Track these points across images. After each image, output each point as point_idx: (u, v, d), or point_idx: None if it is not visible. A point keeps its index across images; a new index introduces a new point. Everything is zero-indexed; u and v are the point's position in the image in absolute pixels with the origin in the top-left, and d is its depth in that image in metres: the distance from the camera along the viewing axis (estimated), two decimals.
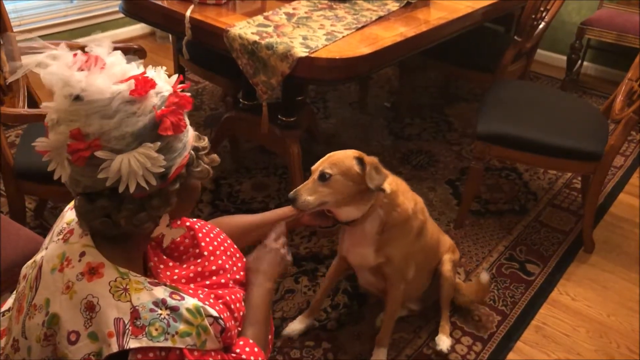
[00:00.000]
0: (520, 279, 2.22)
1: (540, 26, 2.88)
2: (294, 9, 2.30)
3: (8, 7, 2.11)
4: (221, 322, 1.02)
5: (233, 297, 1.14)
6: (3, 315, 1.18)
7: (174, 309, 0.96)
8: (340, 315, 2.02)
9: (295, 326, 1.93)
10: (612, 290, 2.21)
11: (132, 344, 0.91)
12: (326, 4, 2.36)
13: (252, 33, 2.04)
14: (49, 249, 1.03)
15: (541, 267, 2.29)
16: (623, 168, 2.97)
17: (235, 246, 1.33)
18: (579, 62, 3.80)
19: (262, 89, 2.10)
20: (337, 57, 1.95)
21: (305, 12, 2.27)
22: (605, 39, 3.54)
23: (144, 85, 0.91)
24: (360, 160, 1.53)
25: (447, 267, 1.90)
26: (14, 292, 1.17)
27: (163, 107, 0.92)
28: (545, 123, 2.30)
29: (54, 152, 0.92)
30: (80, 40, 3.67)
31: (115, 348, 0.90)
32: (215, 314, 1.02)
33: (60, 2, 3.78)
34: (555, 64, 4.04)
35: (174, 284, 1.07)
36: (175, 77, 0.98)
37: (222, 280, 1.21)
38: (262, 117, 2.20)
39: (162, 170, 0.92)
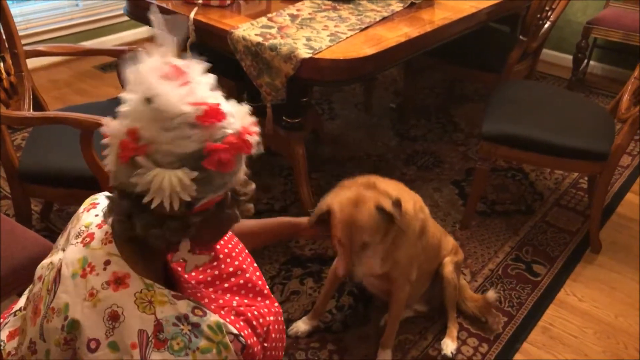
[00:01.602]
0: (526, 279, 2.21)
1: (546, 26, 2.86)
2: (297, 10, 2.30)
3: (14, 10, 2.12)
4: (242, 339, 1.03)
5: (256, 312, 1.14)
6: (14, 315, 1.19)
7: (195, 325, 0.97)
8: (346, 316, 2.01)
9: (300, 327, 1.92)
10: (620, 290, 2.19)
11: (154, 356, 0.92)
12: (330, 5, 2.36)
13: (256, 34, 2.04)
14: (68, 252, 1.03)
15: (548, 267, 2.27)
16: (630, 167, 2.95)
17: (246, 250, 1.33)
18: (585, 61, 3.78)
19: (266, 91, 2.10)
20: (341, 58, 1.95)
21: (309, 14, 2.27)
22: (612, 38, 3.52)
23: (212, 115, 0.91)
24: (383, 210, 1.50)
25: (448, 269, 1.89)
26: (25, 292, 1.17)
27: (219, 142, 0.91)
28: (552, 123, 2.29)
29: (112, 139, 0.93)
30: (87, 44, 3.69)
31: (137, 359, 0.92)
32: (235, 331, 1.03)
33: (66, 5, 3.80)
34: (561, 63, 4.02)
35: (197, 299, 1.08)
36: (249, 120, 0.98)
37: (241, 281, 1.22)
38: (267, 119, 2.20)
39: (190, 199, 0.91)
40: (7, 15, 2.07)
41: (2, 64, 2.10)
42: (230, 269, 1.21)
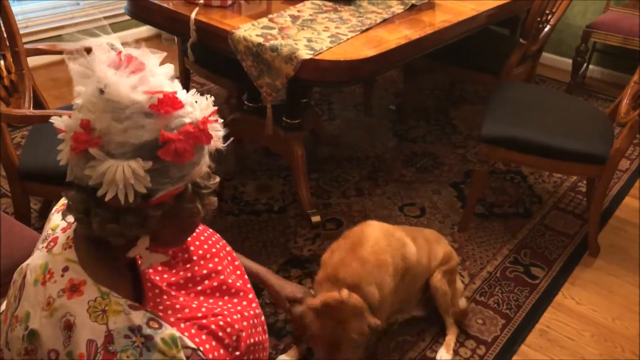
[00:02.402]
0: (524, 282, 2.21)
1: (546, 29, 2.87)
2: (298, 11, 2.30)
3: (15, 9, 2.12)
4: (200, 354, 0.98)
5: (222, 323, 1.08)
6: None
7: (148, 338, 0.92)
8: None
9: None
10: (618, 294, 2.20)
11: None
12: (331, 7, 2.37)
13: (257, 35, 2.04)
14: (34, 257, 1.01)
15: (546, 270, 2.28)
16: (629, 171, 2.95)
17: (229, 248, 1.29)
18: (585, 65, 3.79)
19: (266, 91, 2.10)
20: (341, 60, 1.95)
21: (310, 15, 2.27)
22: (611, 42, 3.52)
23: (168, 103, 0.88)
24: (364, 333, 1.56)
25: (436, 278, 1.88)
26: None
27: (175, 132, 0.88)
28: (551, 126, 2.30)
29: (67, 133, 0.91)
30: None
31: None
32: (192, 345, 0.98)
33: (67, 4, 3.80)
34: (561, 67, 4.02)
35: (159, 309, 1.04)
36: (210, 110, 0.95)
37: (215, 284, 1.17)
38: (267, 119, 2.20)
39: (145, 191, 0.88)
40: (8, 13, 2.07)
41: (2, 62, 2.10)
42: (204, 271, 1.17)
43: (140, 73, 0.89)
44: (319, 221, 2.40)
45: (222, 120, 0.97)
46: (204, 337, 1.04)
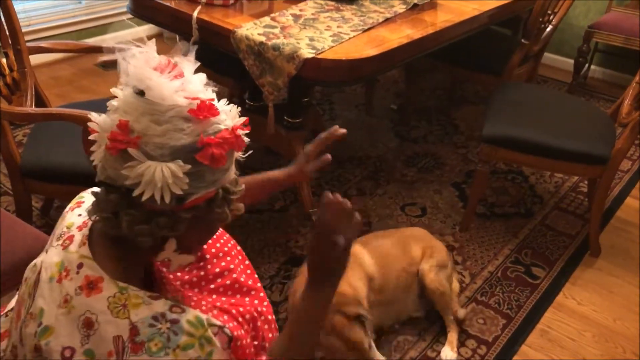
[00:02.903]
0: (525, 282, 2.21)
1: (548, 29, 2.87)
2: (300, 10, 2.30)
3: (17, 7, 2.12)
4: (227, 330, 0.99)
5: (241, 309, 1.11)
6: (6, 316, 1.17)
7: (174, 322, 0.93)
8: None
9: None
10: (619, 294, 2.20)
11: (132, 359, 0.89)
12: (333, 6, 2.37)
13: (259, 34, 2.04)
14: (49, 254, 1.01)
15: (547, 270, 2.28)
16: (630, 172, 2.95)
17: (239, 247, 1.30)
18: (587, 65, 3.79)
19: (268, 90, 2.10)
20: (343, 59, 1.95)
21: (312, 14, 2.27)
22: (613, 43, 3.52)
23: (206, 109, 0.90)
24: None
25: (429, 278, 1.89)
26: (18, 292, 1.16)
27: (212, 137, 0.91)
28: (552, 126, 2.29)
29: (101, 133, 0.92)
30: (89, 41, 3.70)
31: None
32: (219, 323, 0.99)
33: (69, 2, 3.80)
34: (563, 67, 4.02)
35: (175, 296, 1.05)
36: (241, 119, 0.98)
37: (228, 282, 1.18)
38: (268, 118, 2.20)
39: (181, 193, 0.90)
40: (11, 11, 2.07)
41: (5, 60, 2.11)
42: (217, 270, 1.18)
43: (182, 79, 0.92)
44: None
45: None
46: (226, 317, 1.06)
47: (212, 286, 1.16)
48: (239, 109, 0.99)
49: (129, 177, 0.88)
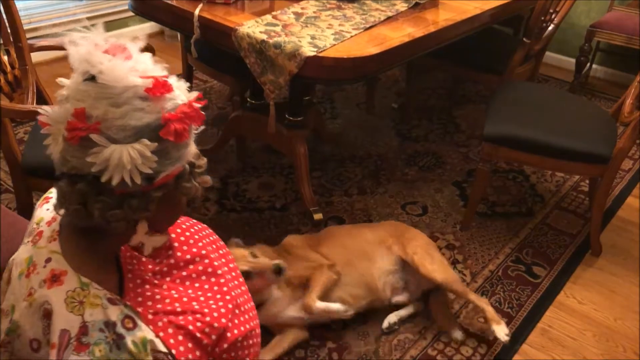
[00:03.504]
0: (526, 281, 2.21)
1: (549, 28, 2.86)
2: (302, 8, 2.30)
3: (18, 5, 2.12)
4: (171, 358, 0.98)
5: (199, 323, 1.06)
6: None
7: (120, 337, 0.93)
8: None
9: None
10: (619, 294, 2.20)
11: (73, 358, 0.89)
12: (335, 4, 2.37)
13: (261, 32, 2.04)
14: (19, 251, 1.02)
15: (548, 269, 2.28)
16: (631, 171, 2.95)
17: (215, 236, 1.28)
18: (588, 64, 3.78)
19: (269, 88, 2.10)
20: (344, 57, 1.95)
21: (314, 12, 2.27)
22: (615, 42, 3.52)
23: (161, 86, 0.91)
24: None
25: (426, 269, 1.93)
26: None
27: (173, 113, 0.92)
28: (554, 125, 2.29)
29: (54, 125, 0.91)
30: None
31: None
32: (164, 349, 0.97)
33: (70, 0, 3.80)
34: (564, 66, 4.02)
35: (138, 302, 1.03)
36: (195, 93, 0.98)
37: (200, 268, 1.16)
38: (270, 117, 2.20)
39: (151, 172, 0.89)
40: (12, 9, 2.07)
41: (6, 58, 2.11)
42: (188, 256, 1.16)
43: (132, 59, 0.92)
44: (321, 219, 2.40)
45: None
46: (180, 337, 1.03)
47: (184, 273, 1.14)
48: (187, 84, 1.00)
49: (95, 164, 0.87)
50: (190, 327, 1.05)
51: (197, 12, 2.16)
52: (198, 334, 1.05)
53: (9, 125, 1.90)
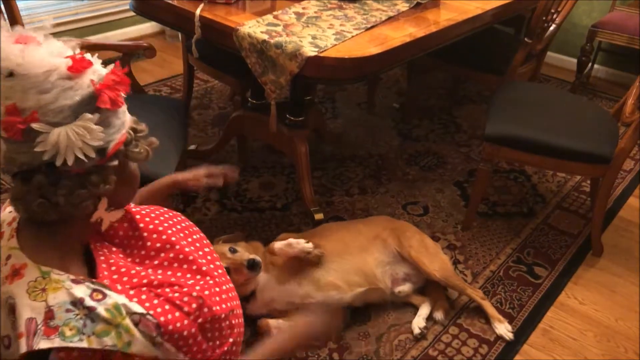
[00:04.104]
0: (527, 281, 2.21)
1: (551, 28, 2.86)
2: (303, 8, 2.30)
3: (20, 4, 2.13)
4: (150, 317, 0.95)
5: (177, 293, 1.03)
6: None
7: (91, 309, 0.91)
8: (346, 315, 2.01)
9: None
10: (621, 294, 2.20)
11: (43, 344, 0.88)
12: (336, 4, 2.36)
13: (262, 32, 2.04)
14: None
15: (549, 270, 2.27)
16: (633, 172, 2.94)
17: (188, 222, 1.25)
18: (590, 64, 3.78)
19: (270, 88, 2.10)
20: (346, 57, 1.95)
21: (315, 12, 2.27)
22: (617, 42, 3.51)
23: (81, 63, 0.92)
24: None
25: (425, 264, 1.98)
26: None
27: (102, 82, 0.94)
28: (555, 125, 2.29)
29: None
30: (92, 38, 3.69)
31: (24, 349, 0.87)
32: (140, 309, 0.95)
33: (71, 0, 3.80)
34: (566, 66, 4.01)
35: (110, 278, 1.01)
36: (111, 65, 0.99)
37: (171, 255, 1.12)
38: (271, 117, 2.20)
39: (101, 143, 0.91)
40: (14, 9, 2.08)
41: None
42: (158, 245, 1.14)
43: (43, 44, 0.92)
44: (322, 219, 2.40)
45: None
46: (155, 301, 1.00)
47: (155, 262, 1.12)
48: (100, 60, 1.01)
49: (46, 151, 0.88)
50: (170, 296, 1.03)
51: (198, 12, 2.16)
52: (177, 302, 1.03)
53: None
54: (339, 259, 1.96)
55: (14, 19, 2.08)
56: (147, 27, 4.21)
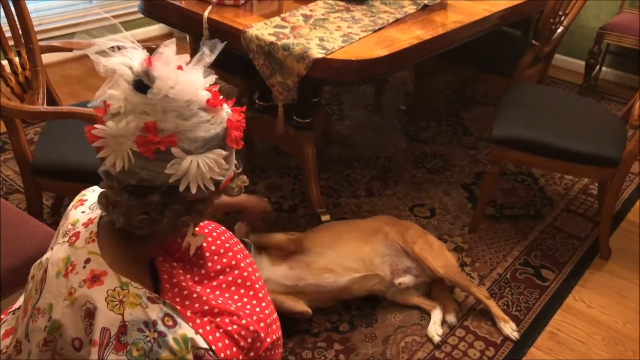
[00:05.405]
0: (534, 284, 2.20)
1: (559, 30, 2.85)
2: (311, 10, 2.31)
3: (29, 7, 2.14)
4: (212, 353, 1.00)
5: (235, 326, 1.09)
6: (13, 314, 1.19)
7: (161, 334, 0.94)
8: (353, 317, 2.02)
9: None
10: (629, 297, 2.18)
11: (112, 358, 0.91)
12: (343, 6, 2.37)
13: (269, 34, 2.05)
14: (54, 251, 1.03)
15: (556, 273, 2.27)
16: None
17: (241, 245, 1.30)
18: (598, 67, 3.77)
19: (278, 90, 2.11)
20: (353, 59, 1.95)
21: (322, 14, 2.28)
22: (625, 44, 3.50)
23: (217, 97, 0.95)
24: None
25: (430, 261, 2.00)
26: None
27: (232, 122, 0.98)
28: (562, 127, 2.28)
29: (112, 139, 0.91)
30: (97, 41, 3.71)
31: (95, 357, 0.90)
32: (205, 345, 1.00)
33: (80, 2, 3.83)
34: (573, 68, 4.00)
35: (177, 301, 1.05)
36: (230, 101, 1.03)
37: (230, 278, 1.18)
38: (278, 118, 2.21)
39: (221, 178, 0.95)
40: (23, 10, 2.09)
41: (17, 59, 2.13)
42: (218, 267, 1.19)
43: (193, 72, 0.96)
44: (329, 220, 2.40)
45: None
46: (218, 334, 1.05)
47: (214, 283, 1.17)
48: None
49: (173, 175, 0.90)
50: (229, 328, 1.08)
51: (206, 14, 2.17)
52: (235, 335, 1.08)
53: (20, 126, 1.91)
54: (333, 245, 2.01)
55: (24, 21, 2.10)
56: (156, 29, 4.23)
